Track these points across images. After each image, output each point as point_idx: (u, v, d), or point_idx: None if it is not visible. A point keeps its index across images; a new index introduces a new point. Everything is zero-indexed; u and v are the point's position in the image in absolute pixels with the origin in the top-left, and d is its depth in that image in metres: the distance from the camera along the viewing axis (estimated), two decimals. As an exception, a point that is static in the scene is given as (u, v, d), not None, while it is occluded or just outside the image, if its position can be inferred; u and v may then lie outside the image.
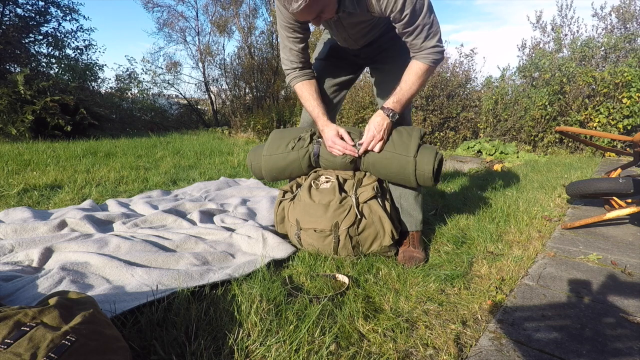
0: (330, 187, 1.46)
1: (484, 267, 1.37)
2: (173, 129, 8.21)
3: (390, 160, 1.40)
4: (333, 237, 1.36)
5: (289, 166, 1.54)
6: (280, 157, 1.53)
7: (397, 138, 1.41)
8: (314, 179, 1.53)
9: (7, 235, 1.49)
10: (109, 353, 0.70)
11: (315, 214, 1.39)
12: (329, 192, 1.43)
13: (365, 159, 1.45)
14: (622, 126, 4.94)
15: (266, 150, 1.55)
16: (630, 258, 1.51)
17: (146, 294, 1.06)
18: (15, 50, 6.63)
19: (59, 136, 5.28)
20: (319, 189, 1.47)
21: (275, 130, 1.64)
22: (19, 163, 3.16)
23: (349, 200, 1.41)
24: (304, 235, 1.41)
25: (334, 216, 1.37)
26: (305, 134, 1.54)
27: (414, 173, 1.37)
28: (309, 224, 1.39)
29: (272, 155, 1.54)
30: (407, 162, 1.37)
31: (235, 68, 9.71)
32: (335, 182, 1.46)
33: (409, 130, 1.43)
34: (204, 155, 4.22)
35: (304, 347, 0.89)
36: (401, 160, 1.38)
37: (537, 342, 0.94)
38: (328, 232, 1.36)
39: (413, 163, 1.36)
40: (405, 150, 1.38)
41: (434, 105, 6.39)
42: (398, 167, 1.39)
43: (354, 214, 1.37)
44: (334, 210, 1.37)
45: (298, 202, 1.46)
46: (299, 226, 1.42)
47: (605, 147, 2.33)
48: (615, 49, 5.59)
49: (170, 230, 1.66)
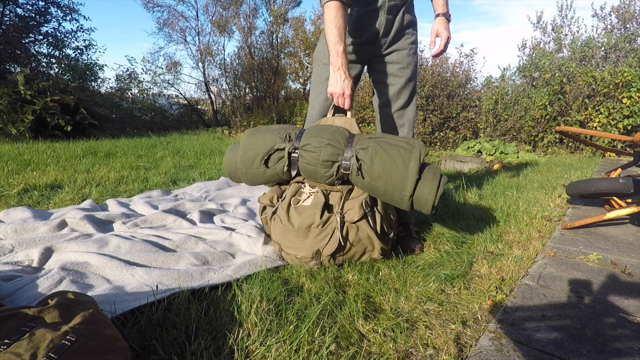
0: (312, 204, 1.29)
1: (484, 267, 1.37)
2: (173, 129, 8.21)
3: (383, 193, 1.25)
4: (316, 263, 1.28)
5: (269, 179, 1.42)
6: (257, 172, 1.39)
7: (389, 168, 1.20)
8: (294, 194, 1.36)
9: (7, 235, 1.49)
10: (109, 353, 0.69)
11: (294, 240, 1.27)
12: (309, 214, 1.27)
13: (358, 182, 1.29)
14: (622, 126, 4.94)
15: (241, 164, 1.39)
16: (630, 258, 1.51)
17: (146, 294, 1.06)
18: (16, 50, 6.63)
19: (59, 136, 5.28)
20: (299, 207, 1.31)
21: (247, 134, 1.41)
22: (19, 163, 3.16)
23: (333, 221, 1.26)
24: (286, 256, 1.33)
25: (314, 243, 1.24)
26: (280, 142, 1.34)
27: (411, 207, 1.25)
28: (288, 249, 1.29)
29: (248, 170, 1.39)
30: (402, 199, 1.22)
31: (235, 68, 9.71)
32: (320, 198, 1.30)
33: (405, 158, 1.21)
34: (204, 155, 4.22)
35: (304, 347, 0.89)
36: (395, 196, 1.23)
37: (537, 342, 0.94)
38: (309, 259, 1.27)
39: (408, 202, 1.22)
40: (400, 187, 1.20)
41: (434, 105, 6.40)
42: (392, 200, 1.26)
43: (337, 241, 1.23)
44: (314, 237, 1.24)
45: (278, 222, 1.32)
46: (280, 247, 1.33)
47: (605, 147, 2.33)
48: (615, 49, 5.59)
49: (170, 230, 1.66)
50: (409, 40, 1.59)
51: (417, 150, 1.23)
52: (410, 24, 1.59)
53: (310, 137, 1.31)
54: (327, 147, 1.27)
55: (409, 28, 1.59)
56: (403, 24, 1.55)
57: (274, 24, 9.32)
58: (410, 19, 1.59)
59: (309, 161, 1.29)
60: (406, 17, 1.56)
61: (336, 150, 1.28)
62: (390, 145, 1.25)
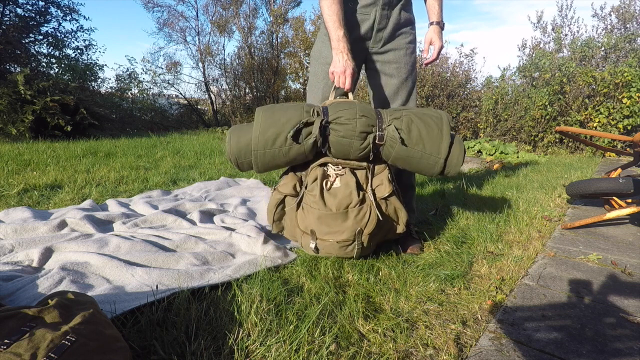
0: (343, 185, 1.27)
1: (484, 267, 1.37)
2: (173, 129, 8.21)
3: (419, 159, 1.29)
4: (357, 245, 1.27)
5: (292, 160, 1.32)
6: (280, 152, 1.27)
7: (426, 134, 1.27)
8: (322, 178, 1.30)
9: (7, 235, 1.49)
10: (109, 353, 0.69)
11: (333, 224, 1.24)
12: (344, 194, 1.25)
13: (392, 153, 1.29)
14: (622, 126, 4.94)
15: (258, 144, 1.26)
16: (630, 258, 1.51)
17: (146, 294, 1.06)
18: (16, 50, 6.63)
19: (59, 136, 5.28)
20: (332, 190, 1.28)
21: (263, 110, 1.29)
22: (19, 163, 3.16)
23: (367, 199, 1.27)
24: (322, 245, 1.28)
25: (355, 223, 1.24)
26: (310, 115, 1.26)
27: (441, 170, 1.31)
28: (328, 235, 1.26)
29: (267, 150, 1.27)
30: (437, 162, 1.29)
31: (235, 68, 9.71)
32: (351, 178, 1.28)
33: (438, 124, 1.29)
34: (204, 155, 4.22)
35: (304, 347, 0.89)
36: (430, 160, 1.29)
37: (537, 342, 0.94)
38: (351, 241, 1.26)
39: (442, 165, 1.29)
40: (436, 151, 1.28)
41: (434, 105, 6.40)
42: (426, 165, 1.30)
43: (376, 217, 1.26)
44: (354, 217, 1.24)
45: (310, 210, 1.27)
46: (314, 236, 1.28)
47: (605, 147, 2.33)
48: (615, 49, 5.59)
49: (170, 230, 1.66)
50: (406, 39, 1.58)
51: (446, 117, 1.31)
52: (407, 22, 1.58)
53: (341, 111, 1.27)
54: (361, 118, 1.25)
55: (407, 26, 1.58)
56: (400, 21, 1.54)
57: (274, 24, 9.32)
58: (408, 17, 1.58)
59: (344, 134, 1.26)
60: (403, 15, 1.55)
61: (370, 121, 1.27)
62: (422, 113, 1.30)
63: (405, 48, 1.58)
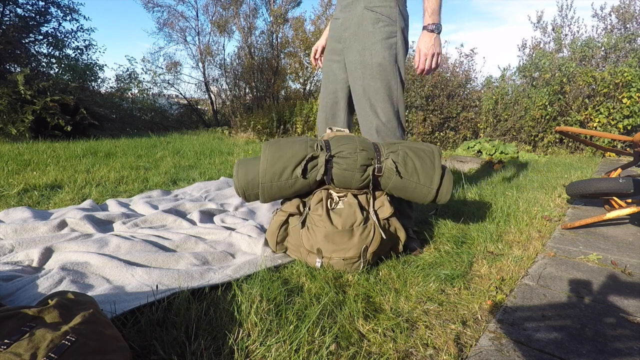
0: (347, 205, 1.34)
1: (484, 267, 1.37)
2: (173, 129, 8.21)
3: (413, 189, 1.38)
4: (362, 262, 1.31)
5: (298, 191, 1.38)
6: (286, 185, 1.34)
7: (420, 167, 1.36)
8: (326, 199, 1.37)
9: (7, 235, 1.49)
10: (109, 353, 0.69)
11: (340, 241, 1.29)
12: (348, 213, 1.32)
13: (389, 183, 1.37)
14: (622, 126, 4.94)
15: (265, 178, 1.32)
16: (630, 258, 1.51)
17: (146, 294, 1.06)
18: (16, 50, 6.62)
19: (59, 136, 5.28)
20: (336, 210, 1.35)
21: (269, 145, 1.35)
22: (19, 163, 3.16)
23: (370, 219, 1.34)
24: (329, 263, 1.32)
25: (360, 241, 1.29)
26: (314, 150, 1.33)
27: (434, 199, 1.40)
28: (335, 253, 1.29)
29: (274, 183, 1.33)
30: (429, 192, 1.38)
31: (235, 68, 9.70)
32: (353, 200, 1.36)
33: (431, 157, 1.39)
34: (204, 155, 4.22)
35: (304, 347, 0.89)
36: (424, 190, 1.38)
37: (537, 342, 0.94)
38: (357, 258, 1.30)
39: (434, 194, 1.38)
40: (429, 182, 1.37)
41: (434, 105, 6.39)
42: (420, 194, 1.39)
43: (379, 236, 1.32)
44: (359, 235, 1.30)
45: (316, 228, 1.32)
46: (321, 255, 1.31)
47: (605, 147, 2.33)
48: (615, 49, 5.59)
49: (170, 230, 1.66)
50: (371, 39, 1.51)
51: (437, 151, 1.42)
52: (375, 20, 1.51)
53: (342, 145, 1.34)
54: (362, 152, 1.33)
55: (377, 24, 1.51)
56: (363, 21, 1.53)
57: (274, 24, 9.31)
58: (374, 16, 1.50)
59: (346, 167, 1.32)
60: (368, 14, 1.51)
61: (370, 154, 1.34)
62: (416, 147, 1.40)
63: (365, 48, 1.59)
